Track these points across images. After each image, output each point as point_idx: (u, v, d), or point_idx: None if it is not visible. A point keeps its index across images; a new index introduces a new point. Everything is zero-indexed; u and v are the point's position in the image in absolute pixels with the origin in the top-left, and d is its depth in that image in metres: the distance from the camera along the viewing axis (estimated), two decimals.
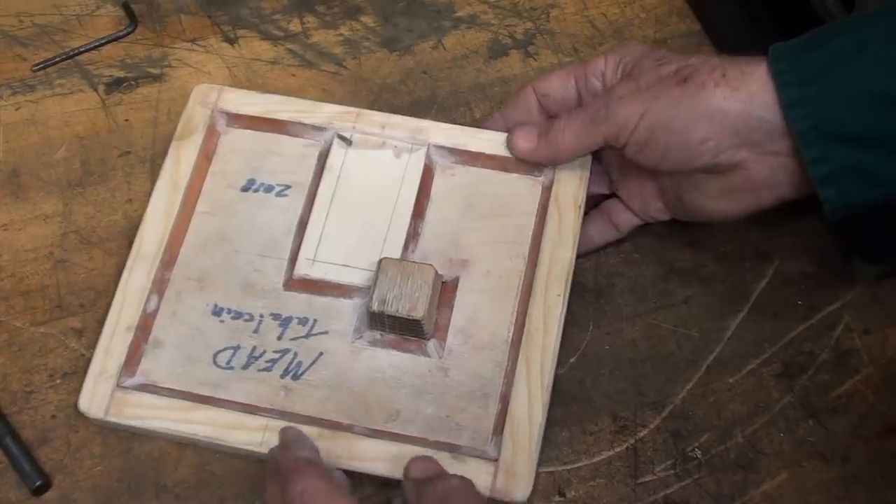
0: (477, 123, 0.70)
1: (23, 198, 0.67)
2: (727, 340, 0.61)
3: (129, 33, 0.75)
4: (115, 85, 0.72)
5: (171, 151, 0.64)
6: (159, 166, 0.68)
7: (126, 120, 0.70)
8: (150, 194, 0.65)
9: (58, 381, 0.59)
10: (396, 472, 0.53)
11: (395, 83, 0.72)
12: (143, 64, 0.73)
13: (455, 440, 0.55)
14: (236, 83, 0.72)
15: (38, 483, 0.56)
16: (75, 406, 0.58)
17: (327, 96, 0.71)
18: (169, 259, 0.61)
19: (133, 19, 0.75)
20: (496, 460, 0.54)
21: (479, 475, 0.54)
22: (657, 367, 0.60)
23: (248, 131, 0.65)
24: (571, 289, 0.60)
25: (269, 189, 0.63)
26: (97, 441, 0.58)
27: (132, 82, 0.72)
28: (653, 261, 0.64)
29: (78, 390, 0.59)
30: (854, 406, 0.59)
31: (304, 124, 0.64)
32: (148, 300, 0.59)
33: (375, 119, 0.64)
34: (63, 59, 0.73)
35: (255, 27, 0.76)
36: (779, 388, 0.60)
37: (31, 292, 0.63)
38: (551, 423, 0.58)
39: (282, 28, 0.75)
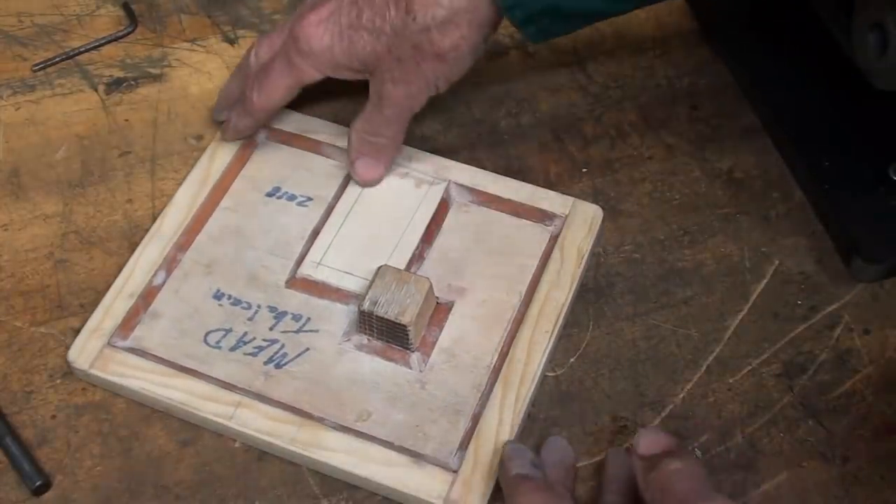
0: (477, 123, 0.70)
1: (23, 198, 0.67)
2: (727, 340, 0.61)
3: (129, 33, 0.75)
4: (115, 85, 0.72)
5: (208, 149, 0.67)
6: (160, 166, 0.68)
7: (126, 120, 0.71)
8: (150, 194, 0.67)
9: (58, 381, 0.60)
10: (355, 468, 0.55)
11: None
12: (143, 64, 0.74)
13: (420, 449, 0.56)
14: None
15: (38, 483, 0.56)
16: (76, 406, 0.59)
17: (327, 96, 0.71)
18: (184, 242, 0.63)
19: (133, 19, 0.75)
20: (456, 472, 0.55)
21: (436, 483, 0.54)
22: (657, 367, 0.60)
23: (284, 146, 0.68)
24: None
25: (291, 198, 0.65)
26: (97, 441, 0.58)
27: (132, 82, 0.72)
28: (653, 261, 0.64)
29: (78, 390, 0.59)
30: (854, 406, 0.59)
31: (338, 147, 0.67)
32: (156, 274, 0.62)
33: (404, 152, 0.67)
34: (63, 59, 0.73)
35: (255, 27, 0.76)
36: (779, 388, 0.60)
37: (31, 292, 0.63)
38: (552, 423, 0.58)
39: None
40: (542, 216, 0.64)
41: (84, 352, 0.59)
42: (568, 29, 0.61)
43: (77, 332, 0.60)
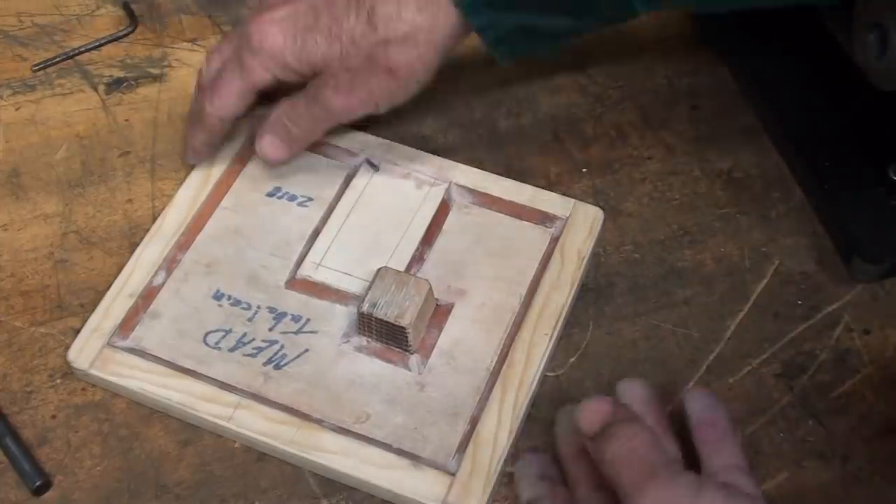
0: (477, 124, 0.70)
1: (23, 198, 0.67)
2: (727, 340, 0.61)
3: (129, 33, 0.75)
4: (115, 85, 0.72)
5: None
6: (160, 166, 0.68)
7: (126, 120, 0.71)
8: (150, 194, 0.67)
9: (58, 381, 0.60)
10: (353, 470, 0.55)
11: None
12: (143, 64, 0.74)
13: (419, 451, 0.56)
14: None
15: (38, 483, 0.56)
16: (76, 406, 0.58)
17: None
18: (185, 242, 0.63)
19: (133, 19, 0.75)
20: (454, 475, 0.55)
21: (434, 486, 0.54)
22: (657, 367, 0.60)
23: None
24: None
25: (292, 198, 0.65)
26: (97, 441, 0.58)
27: (132, 82, 0.72)
28: (653, 261, 0.64)
29: (78, 390, 0.59)
30: (854, 406, 0.59)
31: (339, 147, 0.67)
32: (156, 274, 0.62)
33: (405, 153, 0.67)
34: (63, 59, 0.73)
35: None
36: (779, 388, 0.60)
37: (31, 292, 0.63)
38: (552, 423, 0.58)
39: None
40: (542, 218, 0.64)
41: (84, 352, 0.59)
42: (536, 49, 0.62)
43: (77, 332, 0.60)
